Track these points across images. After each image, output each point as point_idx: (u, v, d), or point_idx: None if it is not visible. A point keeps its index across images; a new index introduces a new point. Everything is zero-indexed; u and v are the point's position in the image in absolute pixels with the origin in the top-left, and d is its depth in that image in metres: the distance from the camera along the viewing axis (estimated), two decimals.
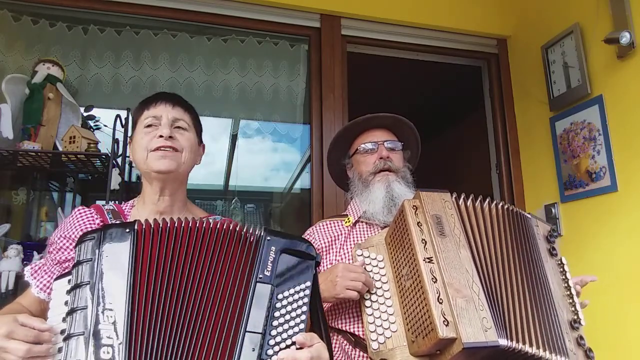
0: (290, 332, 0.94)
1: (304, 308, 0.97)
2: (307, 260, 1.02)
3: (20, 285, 2.01)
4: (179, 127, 1.28)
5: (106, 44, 2.48)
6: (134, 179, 2.55)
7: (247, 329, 0.92)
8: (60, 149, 2.11)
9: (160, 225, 1.01)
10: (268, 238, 1.02)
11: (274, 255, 1.00)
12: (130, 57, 2.51)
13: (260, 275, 0.97)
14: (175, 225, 1.02)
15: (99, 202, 1.92)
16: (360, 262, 1.34)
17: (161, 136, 1.23)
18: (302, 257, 1.02)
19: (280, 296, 0.97)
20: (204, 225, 1.03)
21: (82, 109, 2.28)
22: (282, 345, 0.92)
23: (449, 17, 2.90)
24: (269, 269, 0.98)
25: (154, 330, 0.91)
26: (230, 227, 1.04)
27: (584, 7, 2.43)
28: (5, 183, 2.39)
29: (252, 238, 1.03)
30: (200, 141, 1.39)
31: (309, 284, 0.99)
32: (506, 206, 1.32)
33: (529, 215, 1.37)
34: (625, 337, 2.08)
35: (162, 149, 1.23)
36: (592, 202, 2.34)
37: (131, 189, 2.49)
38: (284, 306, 0.96)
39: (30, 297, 1.22)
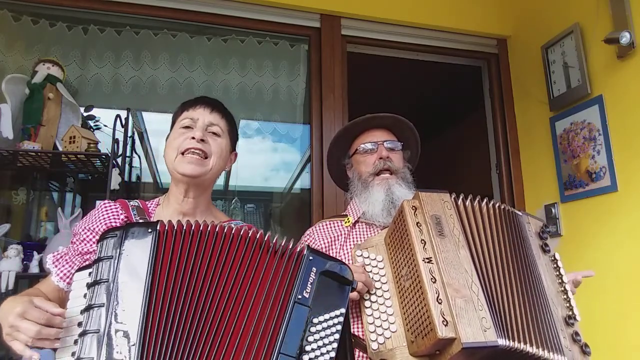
0: (321, 358, 0.91)
1: (337, 335, 0.94)
2: (344, 286, 0.99)
3: (20, 285, 2.01)
4: (213, 133, 1.30)
5: (106, 44, 2.49)
6: (134, 179, 2.55)
7: (282, 351, 0.89)
8: (60, 149, 2.12)
9: (184, 228, 1.00)
10: (310, 257, 0.99)
11: (314, 277, 0.97)
12: (130, 57, 2.51)
13: (299, 296, 0.94)
14: (201, 229, 1.00)
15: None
16: (360, 263, 1.34)
17: (193, 138, 1.25)
18: (340, 282, 0.99)
19: (315, 320, 0.93)
20: (233, 232, 1.01)
21: (82, 109, 2.28)
22: None
23: (448, 17, 2.90)
24: (308, 291, 0.95)
25: (170, 335, 0.90)
26: (265, 238, 1.01)
27: (584, 7, 2.43)
28: (5, 183, 2.39)
29: (292, 254, 1.00)
30: (233, 149, 1.40)
31: (343, 310, 0.96)
32: (499, 205, 1.32)
33: (520, 213, 1.37)
34: (625, 337, 2.08)
35: (192, 150, 1.24)
36: (592, 202, 2.34)
37: (131, 189, 2.49)
38: (318, 331, 0.93)
39: (49, 284, 1.23)
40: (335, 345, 0.92)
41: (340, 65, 2.72)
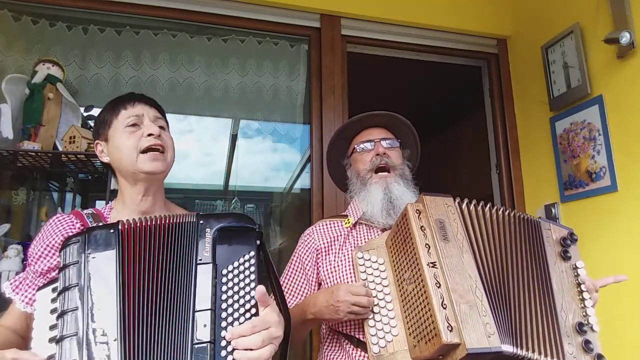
0: (241, 301, 0.96)
1: (252, 276, 0.98)
2: (247, 232, 1.04)
3: None
4: (160, 127, 1.28)
5: (106, 44, 2.48)
6: None
7: (196, 309, 0.94)
8: (60, 149, 2.11)
9: (143, 224, 1.03)
10: (201, 222, 1.04)
11: (209, 236, 1.02)
12: (130, 57, 2.50)
13: (200, 258, 1.00)
14: (158, 222, 1.04)
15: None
16: (360, 265, 1.34)
17: (150, 134, 1.23)
18: (240, 231, 1.04)
19: (224, 271, 0.98)
20: (162, 221, 1.05)
21: (82, 109, 2.28)
22: (236, 315, 0.94)
23: (448, 17, 2.89)
24: (207, 250, 1.01)
25: (146, 324, 0.92)
26: (176, 221, 1.05)
27: (584, 7, 2.43)
28: (5, 183, 2.39)
29: (187, 226, 1.04)
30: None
31: (252, 253, 1.01)
32: (512, 212, 1.31)
33: (539, 220, 1.35)
34: (626, 337, 2.09)
35: (153, 147, 1.23)
36: (592, 202, 2.34)
37: None
38: (230, 279, 0.98)
39: (14, 314, 1.19)
40: (253, 285, 0.97)
41: (340, 65, 2.72)
